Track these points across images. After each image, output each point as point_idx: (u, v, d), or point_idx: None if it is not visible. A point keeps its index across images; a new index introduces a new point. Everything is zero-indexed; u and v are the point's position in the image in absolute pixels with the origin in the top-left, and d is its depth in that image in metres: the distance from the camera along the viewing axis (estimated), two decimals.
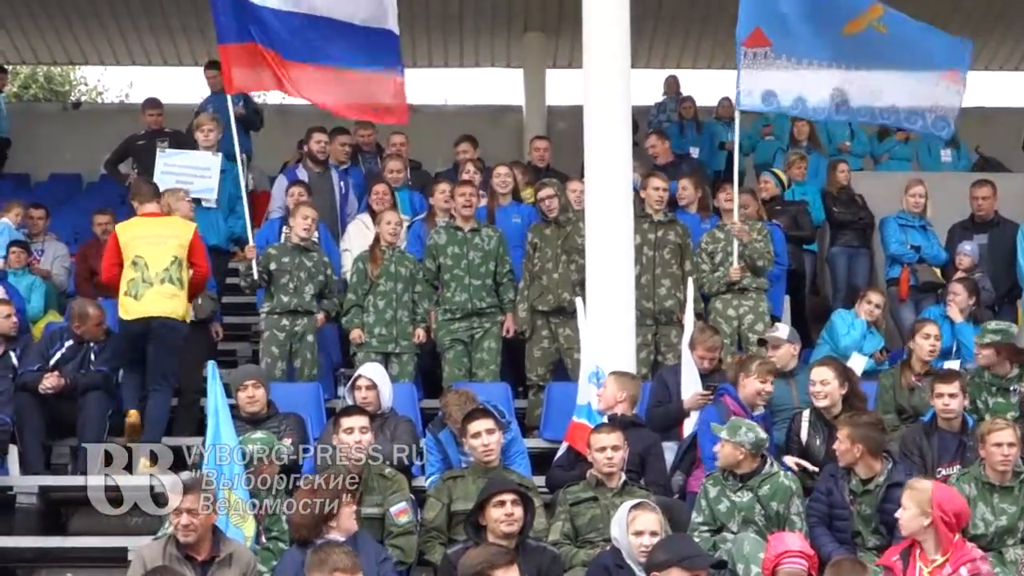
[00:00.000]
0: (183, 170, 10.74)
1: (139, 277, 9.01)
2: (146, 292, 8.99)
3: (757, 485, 7.25)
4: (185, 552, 6.34)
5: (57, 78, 28.48)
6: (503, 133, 17.19)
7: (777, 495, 7.24)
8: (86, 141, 16.71)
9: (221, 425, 7.21)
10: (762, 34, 9.60)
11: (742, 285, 10.07)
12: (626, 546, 6.58)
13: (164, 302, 9.02)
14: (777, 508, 7.20)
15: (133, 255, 9.07)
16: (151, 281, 9.00)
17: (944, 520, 6.56)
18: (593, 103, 9.12)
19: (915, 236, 11.36)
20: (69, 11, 16.88)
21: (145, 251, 9.06)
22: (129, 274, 9.04)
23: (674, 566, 6.06)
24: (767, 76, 9.70)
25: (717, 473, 7.39)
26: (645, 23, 16.19)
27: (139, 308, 8.99)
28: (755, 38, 9.63)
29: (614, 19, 9.10)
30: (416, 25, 17.15)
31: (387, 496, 7.37)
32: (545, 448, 9.20)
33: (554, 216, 10.17)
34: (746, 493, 7.25)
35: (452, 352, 9.91)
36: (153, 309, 8.98)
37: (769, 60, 9.64)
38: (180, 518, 6.33)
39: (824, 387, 8.05)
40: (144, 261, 9.03)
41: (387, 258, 10.03)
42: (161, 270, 9.03)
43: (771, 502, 7.22)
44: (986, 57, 18.55)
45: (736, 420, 7.48)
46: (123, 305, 9.06)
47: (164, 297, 9.02)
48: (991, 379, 8.74)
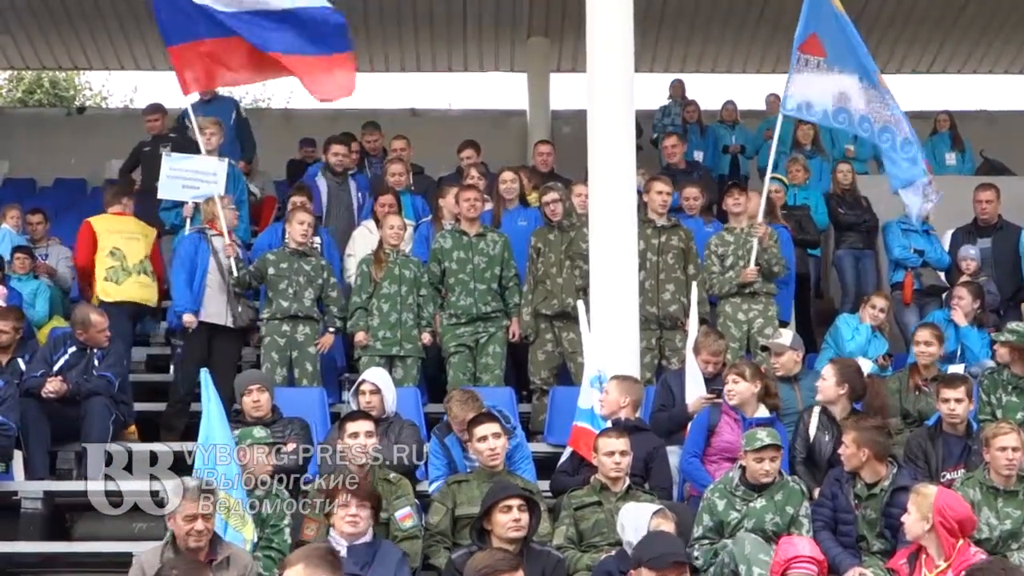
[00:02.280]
0: (189, 175, 10.74)
1: (119, 266, 10.34)
2: (126, 280, 10.33)
3: (775, 491, 7.25)
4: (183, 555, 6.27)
5: (62, 83, 28.51)
6: (507, 137, 17.20)
7: (792, 500, 7.25)
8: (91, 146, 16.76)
9: (214, 425, 7.16)
10: (818, 42, 9.60)
11: (753, 289, 10.06)
12: None
13: (142, 290, 10.42)
14: (791, 513, 7.20)
15: (110, 246, 10.38)
16: (129, 271, 10.37)
17: (945, 526, 6.57)
18: (597, 107, 9.11)
19: (918, 240, 11.36)
20: (74, 16, 16.92)
21: (122, 244, 10.41)
22: (108, 262, 10.34)
23: (643, 566, 6.13)
24: (815, 83, 9.67)
25: (722, 486, 7.36)
26: (649, 27, 16.22)
27: (120, 292, 10.32)
28: (811, 44, 9.62)
29: (618, 23, 9.09)
30: (420, 29, 17.20)
31: (391, 501, 7.35)
32: (549, 452, 9.19)
33: (557, 220, 10.17)
34: (761, 500, 7.23)
35: (457, 357, 9.91)
36: (133, 295, 10.36)
37: (823, 70, 9.63)
38: (195, 524, 6.27)
39: (821, 383, 8.15)
40: (122, 252, 10.38)
41: (391, 261, 10.03)
42: (137, 262, 10.43)
43: (786, 507, 7.23)
44: (991, 60, 18.57)
45: (750, 432, 7.43)
46: (104, 289, 10.31)
47: (142, 286, 10.43)
48: (1010, 378, 8.75)
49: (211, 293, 9.94)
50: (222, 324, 9.98)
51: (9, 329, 9.44)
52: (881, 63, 17.69)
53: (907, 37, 17.61)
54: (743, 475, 7.31)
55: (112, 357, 9.36)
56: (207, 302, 9.94)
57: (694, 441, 8.13)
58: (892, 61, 18.25)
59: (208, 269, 9.97)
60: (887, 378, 9.40)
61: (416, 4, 16.44)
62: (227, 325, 9.99)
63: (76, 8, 16.69)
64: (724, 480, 7.41)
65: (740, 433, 7.77)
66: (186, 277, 9.95)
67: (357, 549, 6.75)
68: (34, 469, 8.88)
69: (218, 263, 9.99)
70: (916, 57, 18.38)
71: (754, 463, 7.21)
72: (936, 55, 18.39)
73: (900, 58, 18.29)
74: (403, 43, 17.72)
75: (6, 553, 8.30)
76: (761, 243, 10.01)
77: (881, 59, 17.76)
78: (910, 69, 18.73)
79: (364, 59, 18.09)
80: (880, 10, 16.76)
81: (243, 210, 11.11)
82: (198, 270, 9.95)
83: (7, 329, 9.44)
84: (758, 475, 7.23)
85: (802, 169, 12.74)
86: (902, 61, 18.40)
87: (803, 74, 9.64)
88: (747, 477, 7.29)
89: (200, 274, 9.94)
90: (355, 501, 6.78)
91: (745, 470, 7.31)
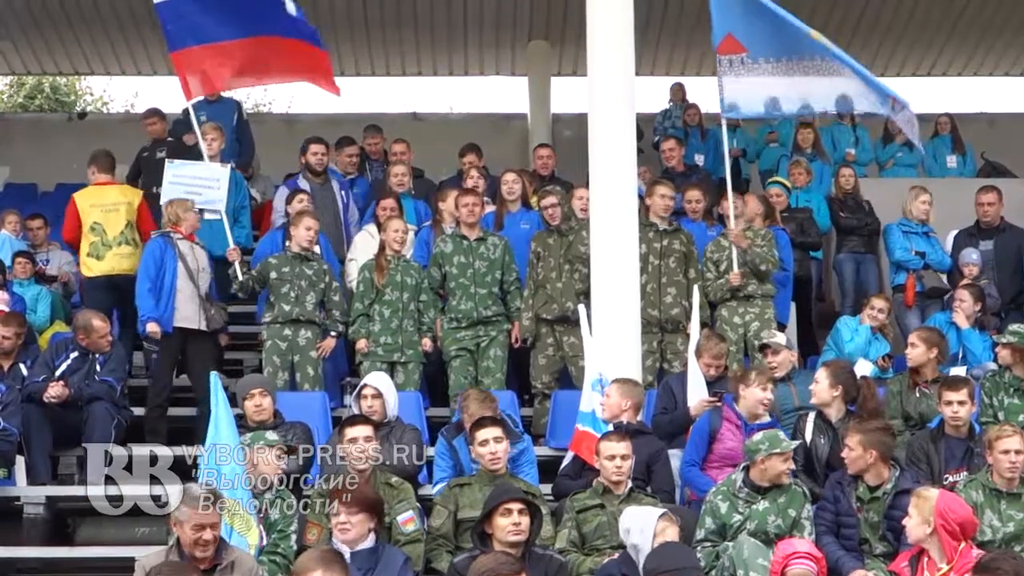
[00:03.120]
0: (191, 181, 10.75)
1: (99, 241, 10.58)
2: (106, 253, 10.55)
3: (778, 494, 7.25)
4: (188, 561, 6.27)
5: (63, 88, 28.52)
6: (508, 141, 17.20)
7: (794, 502, 7.26)
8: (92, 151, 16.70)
9: (221, 426, 7.18)
10: (735, 40, 9.55)
11: (748, 292, 10.06)
12: (647, 552, 6.53)
13: (122, 261, 10.57)
14: (793, 515, 7.21)
15: (91, 221, 10.63)
16: (109, 244, 10.57)
17: (947, 529, 6.57)
18: (598, 111, 9.12)
19: (919, 242, 11.35)
20: (75, 22, 16.91)
21: (101, 218, 10.61)
22: (90, 238, 10.61)
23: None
24: (748, 82, 9.63)
25: (725, 488, 7.36)
26: (650, 31, 16.22)
27: (102, 267, 10.56)
28: (728, 44, 9.58)
29: (619, 27, 9.09)
30: (421, 33, 17.19)
31: (393, 505, 7.36)
32: (551, 456, 9.19)
33: (557, 224, 10.17)
34: (764, 502, 7.24)
35: (458, 361, 9.92)
36: (114, 267, 10.56)
37: (747, 66, 9.59)
38: (203, 533, 6.26)
39: (815, 385, 8.18)
40: (102, 227, 10.59)
41: (393, 267, 10.03)
42: (117, 234, 10.60)
43: (788, 509, 7.23)
44: (991, 63, 18.56)
45: (772, 432, 7.42)
46: (87, 264, 10.64)
47: (122, 257, 10.57)
48: (1011, 380, 8.75)
49: (182, 297, 9.82)
50: (195, 328, 9.90)
51: (11, 335, 9.46)
52: (881, 66, 17.85)
53: (907, 40, 17.60)
54: (747, 476, 7.31)
55: (114, 362, 9.39)
56: (179, 306, 9.81)
57: (695, 448, 8.12)
58: (892, 64, 18.25)
59: (177, 273, 9.84)
60: (888, 380, 9.40)
61: (417, 8, 16.43)
62: (200, 328, 9.92)
63: (77, 13, 16.68)
64: (727, 482, 7.41)
65: (742, 439, 7.77)
66: (151, 285, 9.79)
67: (360, 554, 6.74)
68: (36, 474, 8.89)
69: (186, 266, 9.87)
70: (916, 60, 18.37)
71: (780, 464, 7.22)
72: (936, 58, 18.38)
73: (901, 61, 18.29)
74: (404, 47, 17.71)
75: (8, 558, 8.32)
76: (738, 246, 10.00)
77: (881, 62, 17.87)
78: (910, 72, 18.72)
79: (365, 63, 18.14)
80: (880, 13, 16.76)
81: (244, 215, 11.11)
82: (166, 275, 9.81)
83: (9, 335, 9.46)
84: (781, 476, 7.23)
85: (804, 172, 12.73)
86: (903, 64, 18.40)
87: (729, 76, 9.62)
88: (751, 479, 7.29)
89: (170, 279, 9.81)
90: (344, 509, 6.77)
91: (749, 471, 7.31)
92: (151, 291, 9.78)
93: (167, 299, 9.79)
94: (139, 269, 10.04)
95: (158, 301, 9.76)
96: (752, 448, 7.30)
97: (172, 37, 10.09)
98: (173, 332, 9.83)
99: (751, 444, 7.34)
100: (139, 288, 9.87)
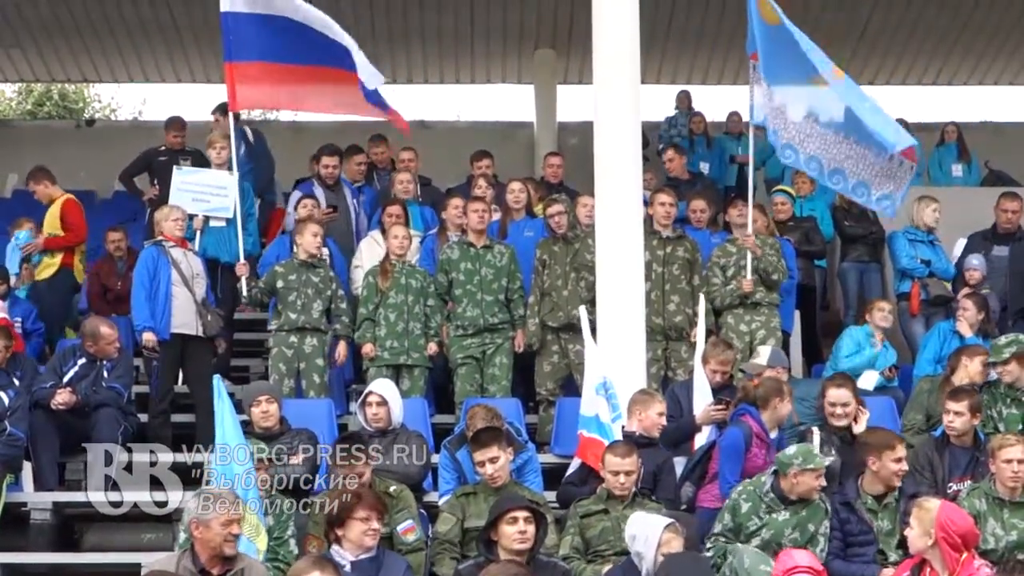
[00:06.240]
0: (199, 188, 10.80)
1: None
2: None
3: (801, 507, 7.22)
4: (200, 567, 6.28)
5: (71, 96, 28.56)
6: (514, 149, 17.21)
7: (815, 517, 7.24)
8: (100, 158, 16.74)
9: (226, 427, 7.18)
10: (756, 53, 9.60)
11: (754, 300, 10.07)
12: (650, 562, 6.53)
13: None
14: (811, 530, 7.19)
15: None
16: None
17: (948, 541, 6.49)
18: (603, 119, 9.13)
19: (924, 250, 11.36)
20: (83, 29, 16.95)
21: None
22: None
23: None
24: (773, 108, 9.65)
25: (752, 487, 7.30)
26: (655, 39, 16.24)
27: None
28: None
29: (624, 35, 9.11)
30: (428, 42, 17.24)
31: (392, 515, 7.32)
32: (556, 463, 9.21)
33: (562, 232, 10.20)
34: (786, 513, 7.21)
35: (464, 368, 9.94)
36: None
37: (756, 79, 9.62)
38: (232, 528, 6.25)
39: (844, 408, 8.13)
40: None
41: (397, 271, 10.06)
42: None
43: (808, 524, 7.21)
44: (996, 72, 18.57)
45: (805, 446, 7.39)
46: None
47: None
48: (1006, 390, 8.75)
49: (178, 304, 9.84)
50: (193, 334, 9.92)
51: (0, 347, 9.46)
52: (887, 75, 17.88)
53: (913, 48, 17.61)
54: (776, 482, 7.24)
55: (121, 369, 9.42)
56: (176, 313, 9.83)
57: (731, 470, 7.80)
58: (898, 72, 18.27)
59: (171, 281, 9.86)
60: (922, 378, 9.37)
61: (425, 17, 16.47)
62: (197, 335, 9.94)
63: (85, 21, 16.72)
64: (755, 482, 7.34)
65: (766, 455, 7.75)
66: (145, 294, 9.80)
67: (361, 563, 6.68)
68: (43, 480, 8.92)
69: (180, 273, 9.89)
70: (922, 68, 18.38)
71: (812, 480, 7.16)
72: (942, 67, 18.38)
73: (906, 69, 18.30)
74: (412, 55, 17.75)
75: (15, 564, 8.35)
76: (752, 254, 10.02)
77: (887, 70, 17.90)
78: (915, 80, 18.73)
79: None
80: (885, 21, 16.77)
81: (251, 223, 11.14)
82: (161, 284, 9.83)
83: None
84: (811, 493, 7.20)
85: (808, 180, 12.72)
86: (908, 72, 18.41)
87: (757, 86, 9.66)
88: (780, 487, 7.21)
89: (164, 287, 9.83)
90: (375, 515, 6.71)
91: (778, 477, 7.24)
92: (146, 301, 9.79)
93: (163, 307, 9.82)
94: (133, 279, 10.06)
95: (154, 310, 9.78)
96: (785, 461, 7.20)
97: (231, 47, 10.10)
98: (171, 338, 9.86)
99: (784, 457, 7.24)
100: (134, 298, 9.90)
